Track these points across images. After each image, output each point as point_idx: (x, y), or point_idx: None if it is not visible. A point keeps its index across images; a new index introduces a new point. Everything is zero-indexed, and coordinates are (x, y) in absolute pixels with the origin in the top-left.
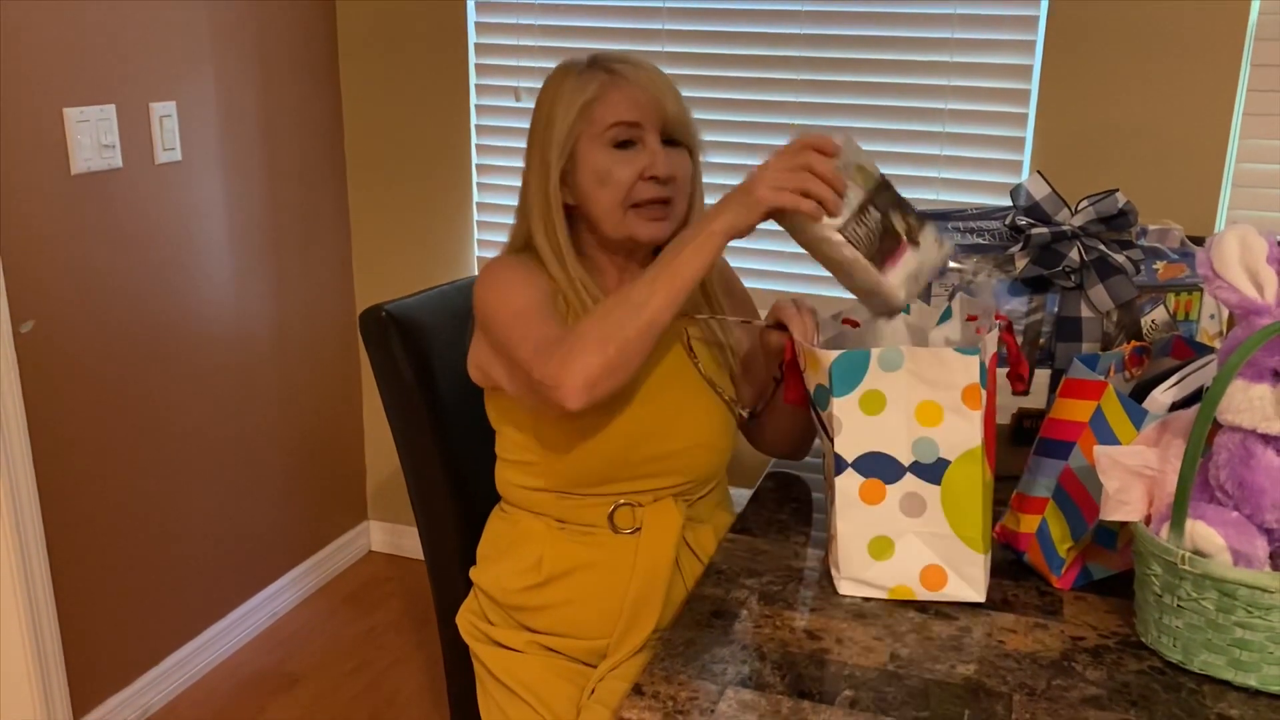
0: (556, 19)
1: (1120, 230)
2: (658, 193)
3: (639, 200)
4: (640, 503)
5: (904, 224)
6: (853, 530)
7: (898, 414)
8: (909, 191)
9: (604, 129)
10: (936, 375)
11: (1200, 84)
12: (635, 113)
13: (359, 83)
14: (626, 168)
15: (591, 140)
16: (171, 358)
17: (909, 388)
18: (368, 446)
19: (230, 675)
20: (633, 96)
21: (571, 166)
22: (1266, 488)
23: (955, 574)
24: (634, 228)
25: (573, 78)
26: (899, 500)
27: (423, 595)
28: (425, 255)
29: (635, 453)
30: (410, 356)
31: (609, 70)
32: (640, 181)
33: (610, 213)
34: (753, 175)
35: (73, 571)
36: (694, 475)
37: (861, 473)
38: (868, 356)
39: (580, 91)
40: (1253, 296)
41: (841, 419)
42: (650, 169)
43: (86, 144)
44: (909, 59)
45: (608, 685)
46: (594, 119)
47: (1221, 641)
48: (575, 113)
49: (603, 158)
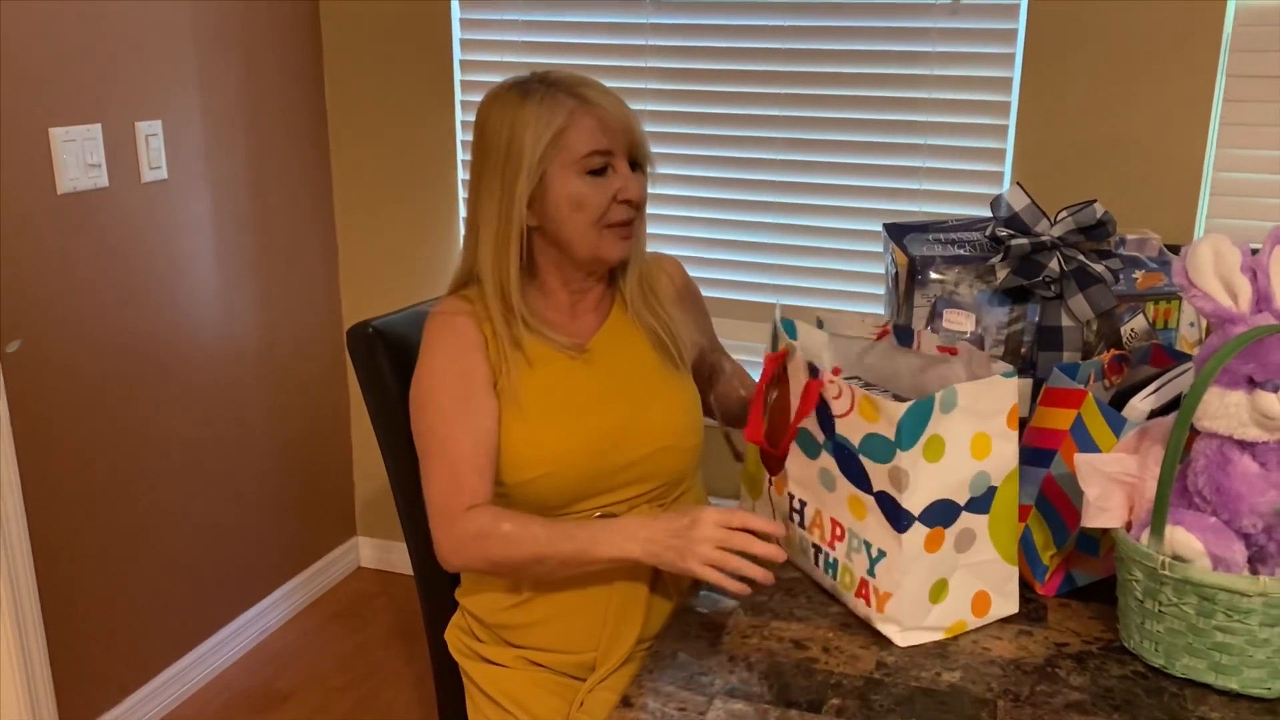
0: (542, 35)
1: (1099, 240)
2: (629, 214)
3: (611, 221)
4: (615, 513)
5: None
6: (916, 583)
7: (956, 454)
8: (890, 204)
9: (579, 157)
10: (987, 405)
11: (1177, 95)
12: (609, 140)
13: (344, 101)
14: (601, 192)
15: (564, 167)
16: (159, 375)
17: (963, 424)
18: (356, 462)
19: (220, 693)
20: (605, 123)
21: (539, 192)
22: (1243, 493)
23: (997, 594)
24: (605, 248)
25: (534, 103)
26: (954, 540)
27: (412, 611)
28: (412, 271)
29: (602, 464)
30: (397, 372)
31: (575, 95)
32: (614, 204)
33: (584, 235)
34: (695, 537)
35: (61, 590)
36: (665, 478)
37: (927, 524)
38: (932, 403)
39: (549, 118)
40: (1227, 305)
41: (909, 472)
42: (623, 193)
43: (72, 163)
44: (890, 72)
45: (596, 697)
46: (567, 146)
47: (1202, 645)
48: (547, 140)
49: (577, 185)
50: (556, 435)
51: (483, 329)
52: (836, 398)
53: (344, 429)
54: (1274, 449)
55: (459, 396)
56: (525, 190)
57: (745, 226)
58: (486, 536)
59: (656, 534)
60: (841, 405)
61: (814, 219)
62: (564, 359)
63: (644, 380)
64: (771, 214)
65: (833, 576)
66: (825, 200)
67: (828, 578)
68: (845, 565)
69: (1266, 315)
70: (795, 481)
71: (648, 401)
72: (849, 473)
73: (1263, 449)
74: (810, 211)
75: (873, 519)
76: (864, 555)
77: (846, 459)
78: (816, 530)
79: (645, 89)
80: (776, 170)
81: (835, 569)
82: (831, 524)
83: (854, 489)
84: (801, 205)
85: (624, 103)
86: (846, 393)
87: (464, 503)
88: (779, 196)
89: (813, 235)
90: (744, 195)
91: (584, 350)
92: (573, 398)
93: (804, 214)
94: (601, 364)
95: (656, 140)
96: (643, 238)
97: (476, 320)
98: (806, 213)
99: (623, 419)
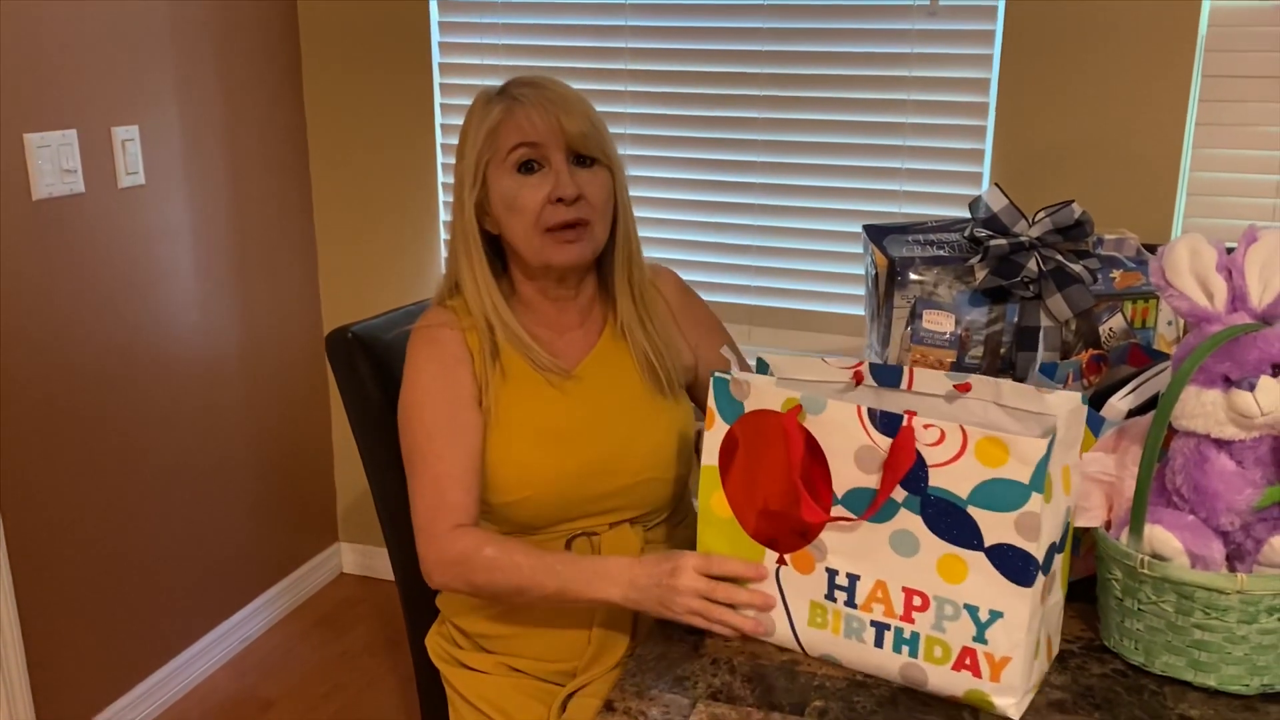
0: (521, 38)
1: (1077, 240)
2: (567, 215)
3: (550, 225)
4: (597, 531)
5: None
6: (1031, 640)
7: (1058, 492)
8: (869, 205)
9: (506, 153)
10: (1072, 435)
11: (1153, 95)
12: (534, 133)
13: (323, 105)
14: (533, 192)
15: (498, 166)
16: (137, 382)
17: (1058, 459)
18: (337, 468)
19: (202, 701)
20: (531, 118)
21: (484, 196)
22: (1221, 491)
23: (1055, 637)
24: (549, 253)
25: (480, 107)
26: (1049, 585)
27: (395, 617)
28: (392, 276)
29: (585, 491)
30: (377, 377)
31: (512, 96)
32: (549, 205)
33: (526, 239)
34: (677, 586)
35: (38, 599)
36: (648, 506)
37: (1044, 572)
38: (1054, 437)
39: (485, 119)
40: (1203, 304)
41: (1040, 515)
42: (556, 190)
43: (48, 169)
44: (869, 74)
45: (579, 702)
46: (498, 145)
47: (1181, 643)
48: (481, 140)
49: (509, 183)
50: (538, 461)
51: (468, 341)
52: (935, 444)
53: (324, 435)
54: (1250, 447)
55: (445, 413)
56: (471, 193)
57: (724, 229)
58: (468, 560)
59: (639, 579)
60: (942, 451)
61: (793, 220)
62: (549, 382)
63: (631, 409)
64: (750, 215)
65: (911, 654)
66: (804, 202)
67: (898, 657)
68: (933, 637)
69: (1242, 314)
70: (840, 554)
71: (633, 433)
72: (944, 530)
73: (1239, 447)
74: (789, 213)
75: (979, 577)
76: (966, 620)
77: (943, 514)
78: (878, 605)
79: (624, 91)
80: (755, 172)
81: (915, 644)
82: (906, 594)
83: (951, 547)
84: (780, 207)
85: (569, 97)
86: (954, 435)
87: (449, 520)
88: (758, 198)
89: (792, 237)
90: (723, 197)
91: (570, 377)
92: (557, 424)
93: (783, 215)
94: (589, 391)
95: (636, 142)
96: (627, 241)
97: (462, 331)
98: (786, 214)
99: (607, 449)
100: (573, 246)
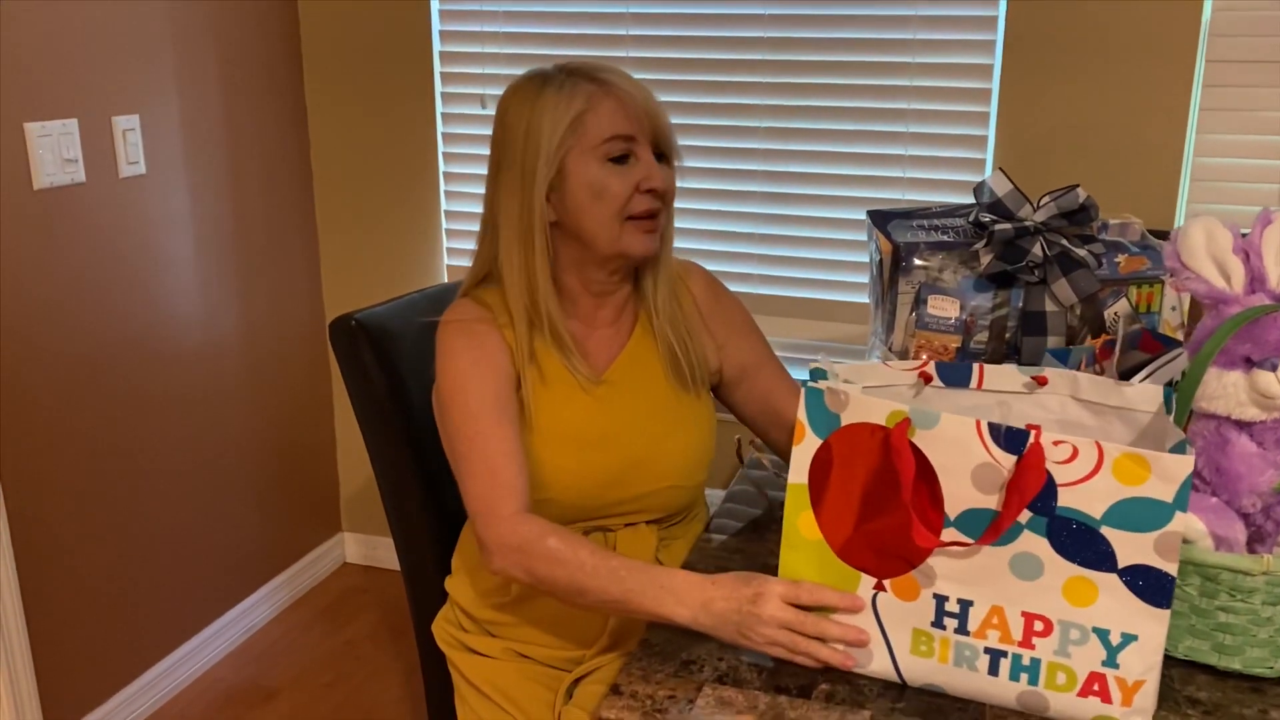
0: (521, 26)
1: (1082, 225)
2: (652, 205)
3: (634, 213)
4: (612, 529)
5: None
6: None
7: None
8: (873, 192)
9: (599, 143)
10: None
11: (1157, 80)
12: (630, 125)
13: (324, 92)
14: (623, 181)
15: (584, 154)
16: (140, 372)
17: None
18: (340, 457)
19: (206, 691)
20: (626, 108)
21: (558, 181)
22: (1243, 473)
23: None
24: (628, 242)
25: (552, 89)
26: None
27: (398, 606)
28: (394, 264)
29: (606, 497)
30: (381, 365)
31: (594, 80)
32: (636, 194)
33: (605, 227)
34: (760, 615)
35: (43, 590)
36: (667, 510)
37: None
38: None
39: (567, 103)
40: (1221, 286)
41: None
42: (647, 181)
43: (49, 159)
44: (872, 60)
45: (585, 688)
46: (586, 132)
47: (1205, 627)
48: (565, 125)
49: (597, 171)
50: (562, 465)
51: (504, 336)
52: (1066, 461)
53: (327, 424)
54: (1271, 428)
55: (490, 393)
56: (544, 180)
57: (727, 217)
58: (529, 549)
59: (714, 604)
60: (1074, 469)
61: (797, 208)
62: (581, 387)
63: (657, 416)
64: (754, 204)
65: (1031, 681)
66: (808, 189)
67: (1016, 685)
68: (1056, 663)
69: (1261, 295)
70: (950, 579)
71: (659, 441)
72: (1073, 551)
73: (1260, 429)
74: (793, 201)
75: (1110, 600)
76: (1095, 645)
77: (1071, 536)
78: (993, 632)
79: None
80: (759, 160)
81: (1035, 670)
82: (1026, 619)
83: (1080, 569)
84: (784, 195)
85: (649, 90)
86: (1088, 451)
87: (509, 503)
88: (761, 186)
89: (796, 224)
90: (726, 185)
91: (601, 382)
92: (583, 429)
93: (787, 203)
94: (617, 397)
95: None
96: (670, 238)
97: (496, 327)
98: (789, 202)
99: (631, 458)
100: (651, 237)
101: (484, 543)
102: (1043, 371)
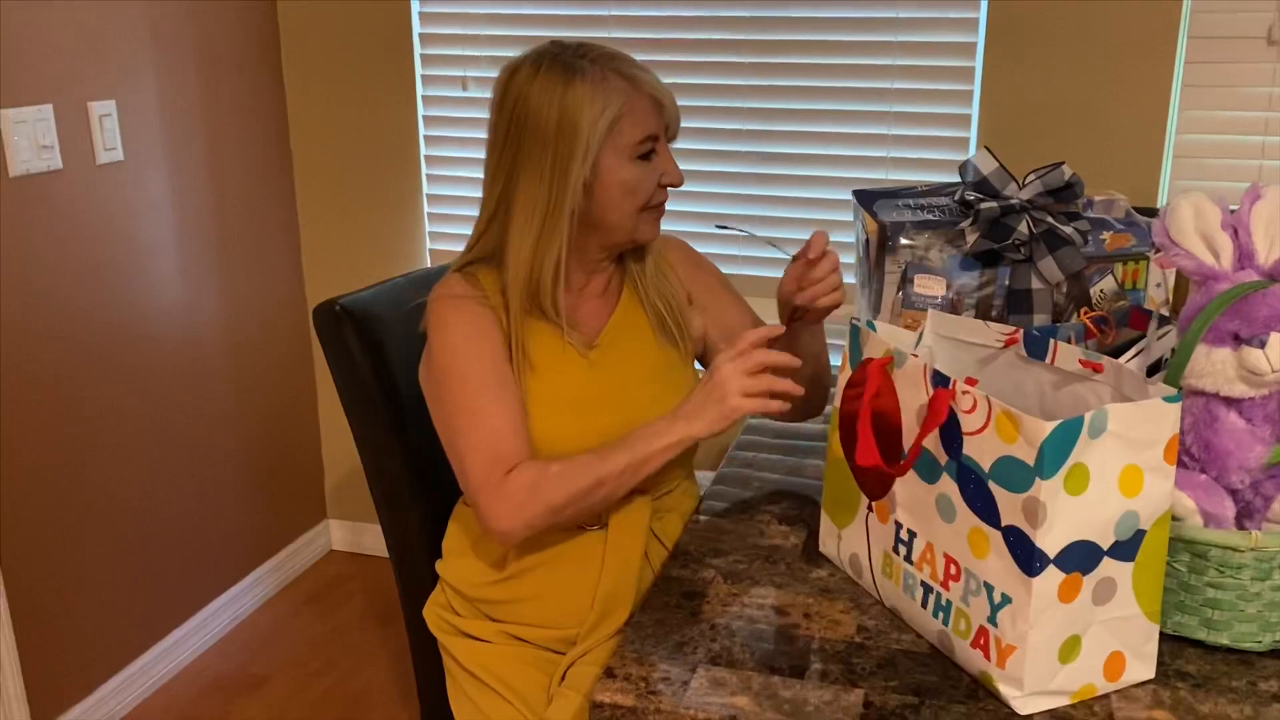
0: (503, 6)
1: (1067, 202)
2: (666, 196)
3: (653, 204)
4: None
5: None
6: (1045, 637)
7: (1103, 488)
8: (858, 172)
9: (634, 144)
10: (1143, 432)
11: (1139, 57)
12: (658, 125)
13: (303, 74)
14: (650, 177)
15: (618, 153)
16: (120, 360)
17: (1113, 454)
18: (325, 444)
19: (194, 680)
20: (654, 107)
21: (590, 176)
22: (1232, 449)
23: (1133, 656)
24: (642, 230)
25: (584, 83)
26: (1093, 590)
27: (385, 592)
28: (377, 248)
29: None
30: (366, 350)
31: (624, 76)
32: (657, 188)
33: (627, 219)
34: (720, 382)
35: (27, 581)
36: (658, 477)
37: (1063, 568)
38: (1080, 424)
39: (603, 102)
40: (1210, 263)
41: (1047, 505)
42: (668, 176)
43: (24, 146)
44: (855, 39)
45: (579, 670)
46: (623, 134)
47: (1194, 602)
48: (604, 127)
49: (631, 171)
50: (554, 433)
51: (498, 314)
52: (969, 411)
53: (311, 411)
54: (1259, 405)
55: (488, 366)
56: (580, 174)
57: (711, 198)
58: (538, 485)
59: (693, 406)
60: (974, 420)
61: (782, 189)
62: (571, 354)
63: (647, 381)
64: (738, 184)
65: (944, 621)
66: (793, 169)
67: (936, 622)
68: (961, 609)
69: (1249, 271)
70: (904, 508)
71: (648, 406)
72: (974, 502)
73: (1248, 405)
74: (778, 181)
75: (997, 558)
76: (984, 599)
77: (972, 485)
78: (926, 566)
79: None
80: (743, 140)
81: (948, 613)
82: (946, 561)
83: (978, 521)
84: (769, 175)
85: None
86: (982, 405)
87: (508, 469)
88: (746, 167)
89: (781, 205)
90: (711, 166)
91: (593, 347)
92: (574, 396)
93: (771, 184)
94: (607, 362)
95: None
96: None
97: (487, 305)
98: (774, 182)
99: (622, 423)
100: (659, 223)
101: (489, 514)
102: (1100, 359)
